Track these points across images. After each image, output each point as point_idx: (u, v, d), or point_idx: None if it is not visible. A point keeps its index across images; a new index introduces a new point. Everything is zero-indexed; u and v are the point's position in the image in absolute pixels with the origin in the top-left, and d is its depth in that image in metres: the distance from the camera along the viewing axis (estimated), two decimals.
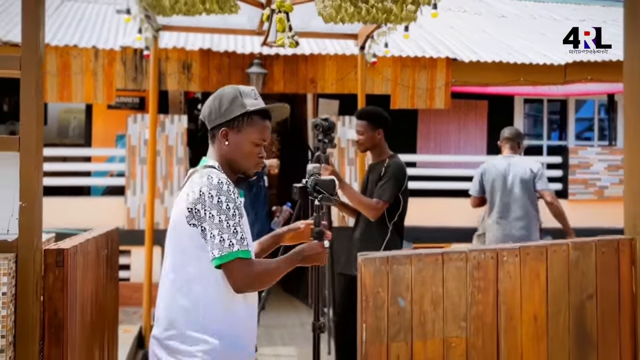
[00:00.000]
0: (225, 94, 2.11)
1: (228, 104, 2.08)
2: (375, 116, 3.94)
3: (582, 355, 2.39)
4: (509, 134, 5.43)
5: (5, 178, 2.12)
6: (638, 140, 2.47)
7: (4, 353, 2.02)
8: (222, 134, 2.09)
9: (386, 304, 2.19)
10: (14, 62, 2.10)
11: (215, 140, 2.11)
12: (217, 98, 2.11)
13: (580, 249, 2.41)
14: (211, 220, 1.94)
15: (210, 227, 1.94)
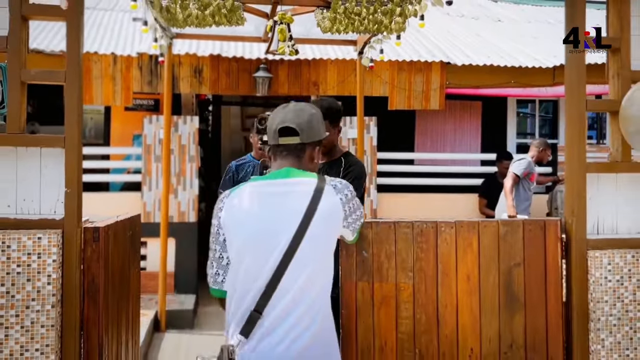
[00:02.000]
0: (319, 115, 2.25)
1: (321, 125, 2.24)
2: (333, 112, 3.45)
3: (511, 312, 2.88)
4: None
5: (52, 170, 2.64)
6: (576, 140, 2.94)
7: (54, 308, 2.54)
8: (318, 150, 2.26)
9: (354, 254, 2.79)
10: (60, 75, 2.61)
11: (304, 154, 2.20)
12: (314, 117, 2.21)
13: (508, 225, 2.91)
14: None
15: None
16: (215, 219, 2.16)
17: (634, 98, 2.69)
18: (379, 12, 4.89)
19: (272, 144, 2.18)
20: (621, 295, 2.87)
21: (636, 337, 2.87)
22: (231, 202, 2.12)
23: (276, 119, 2.17)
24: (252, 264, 2.07)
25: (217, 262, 2.15)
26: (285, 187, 2.11)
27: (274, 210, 2.08)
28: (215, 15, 4.67)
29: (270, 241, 2.06)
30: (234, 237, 2.10)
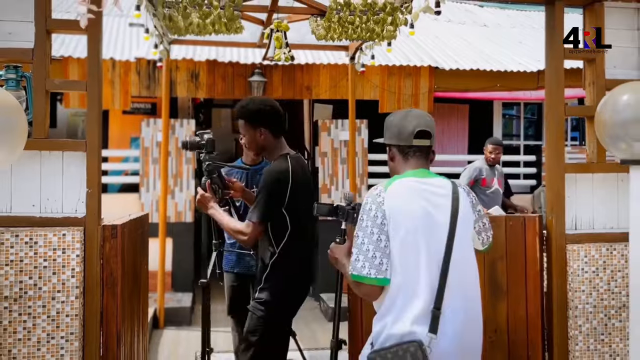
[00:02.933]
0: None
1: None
2: (252, 114, 3.24)
3: (495, 300, 3.15)
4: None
5: (74, 172, 2.86)
6: (555, 143, 3.20)
7: (78, 299, 2.76)
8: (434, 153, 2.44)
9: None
10: (82, 85, 2.83)
11: (430, 156, 2.39)
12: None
13: (493, 221, 3.15)
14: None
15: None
16: (377, 210, 2.18)
17: (608, 104, 2.94)
18: (371, 21, 5.14)
19: (405, 145, 2.29)
20: (597, 285, 3.13)
21: (610, 323, 3.13)
22: (393, 195, 2.18)
23: (409, 123, 2.29)
24: (416, 257, 2.15)
25: (382, 252, 2.16)
26: (431, 187, 2.22)
27: (431, 208, 2.18)
28: (215, 23, 4.89)
29: (432, 237, 2.16)
30: (399, 229, 2.15)
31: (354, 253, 2.19)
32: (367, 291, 2.19)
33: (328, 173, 7.82)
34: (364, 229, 2.18)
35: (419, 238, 2.15)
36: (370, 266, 2.13)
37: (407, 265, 2.14)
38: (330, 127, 7.85)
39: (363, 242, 2.17)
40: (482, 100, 8.69)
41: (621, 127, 2.81)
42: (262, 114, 3.24)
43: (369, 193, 2.24)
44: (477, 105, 8.88)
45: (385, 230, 2.16)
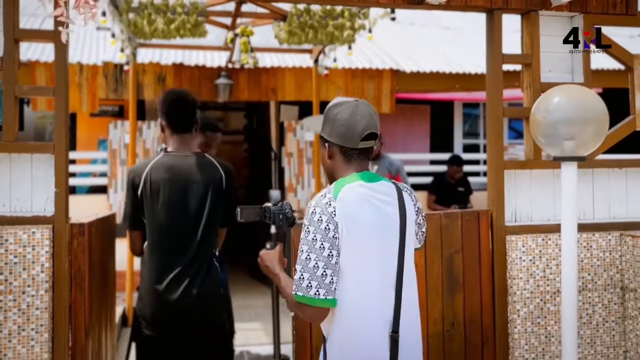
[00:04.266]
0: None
1: None
2: (158, 104, 3.14)
3: (452, 293, 3.37)
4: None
5: (42, 173, 3.02)
6: (495, 142, 3.45)
7: (47, 293, 2.92)
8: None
9: None
10: (50, 91, 2.99)
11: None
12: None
13: (449, 217, 3.40)
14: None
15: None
16: (328, 222, 1.96)
17: (541, 106, 3.19)
18: (330, 26, 5.36)
19: (348, 147, 2.08)
20: (533, 272, 3.39)
21: (546, 307, 3.40)
22: (344, 204, 1.98)
23: (357, 124, 2.05)
24: (369, 273, 1.98)
25: (333, 269, 1.94)
26: (379, 193, 2.05)
27: (382, 217, 2.02)
28: (180, 29, 5.07)
29: (385, 251, 2.01)
30: (352, 242, 1.96)
31: (297, 271, 1.94)
32: (314, 314, 1.95)
33: (294, 173, 8.03)
34: (311, 242, 1.93)
35: (371, 252, 1.98)
36: (318, 285, 1.90)
37: (360, 283, 1.96)
38: (295, 128, 8.06)
39: (309, 258, 1.92)
40: (443, 101, 8.99)
41: (553, 126, 3.06)
42: (161, 105, 3.07)
43: (317, 201, 2.01)
44: (438, 106, 9.18)
45: (337, 244, 1.94)
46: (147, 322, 2.96)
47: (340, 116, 2.08)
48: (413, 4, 3.39)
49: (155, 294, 2.91)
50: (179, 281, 2.88)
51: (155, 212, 2.90)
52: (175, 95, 3.04)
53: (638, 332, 3.37)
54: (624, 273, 3.48)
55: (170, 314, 2.90)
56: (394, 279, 2.00)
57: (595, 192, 3.63)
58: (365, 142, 2.09)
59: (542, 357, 3.38)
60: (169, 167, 2.93)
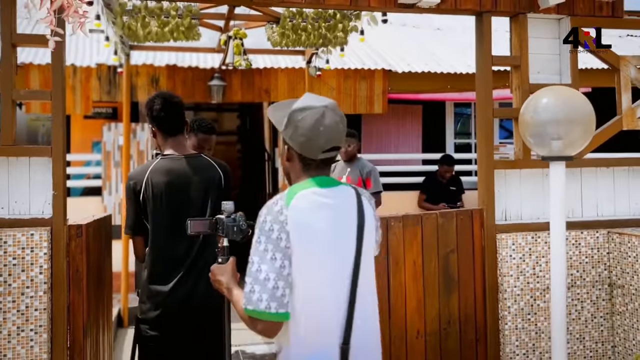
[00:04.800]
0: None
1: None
2: (146, 109, 3.09)
3: (448, 291, 3.44)
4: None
5: (40, 176, 3.06)
6: (485, 142, 3.52)
7: (46, 294, 2.96)
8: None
9: None
10: (47, 95, 3.04)
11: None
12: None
13: (445, 216, 3.46)
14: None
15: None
16: (279, 232, 1.84)
17: (529, 106, 3.26)
18: (323, 28, 5.42)
19: (308, 157, 1.94)
20: (523, 270, 3.46)
21: (536, 304, 3.47)
22: (297, 212, 1.86)
23: (322, 135, 1.91)
24: (322, 284, 1.88)
25: (285, 281, 1.83)
26: (336, 200, 1.94)
27: (338, 225, 1.92)
28: (174, 32, 5.11)
29: (339, 260, 1.91)
30: (305, 253, 1.85)
31: (247, 283, 1.83)
32: (265, 328, 1.85)
33: None
34: (262, 253, 1.83)
35: (325, 262, 1.88)
36: (270, 298, 1.79)
37: (313, 294, 1.87)
38: None
39: (260, 270, 1.81)
40: (435, 101, 9.05)
41: (541, 127, 3.14)
42: (149, 110, 3.02)
43: (268, 209, 1.89)
44: (430, 106, 9.25)
45: (289, 254, 1.83)
46: (151, 324, 2.94)
47: (302, 124, 1.91)
48: (405, 7, 3.46)
49: (161, 296, 2.90)
50: (185, 282, 2.89)
51: (158, 215, 2.89)
52: (162, 99, 3.00)
53: (626, 327, 3.45)
54: (611, 270, 3.56)
55: (177, 314, 2.90)
56: (348, 288, 1.90)
57: (584, 191, 3.71)
58: (326, 153, 1.95)
59: (532, 353, 3.45)
60: (168, 170, 2.92)
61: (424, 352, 3.37)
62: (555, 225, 3.08)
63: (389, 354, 3.32)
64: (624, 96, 3.72)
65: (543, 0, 3.56)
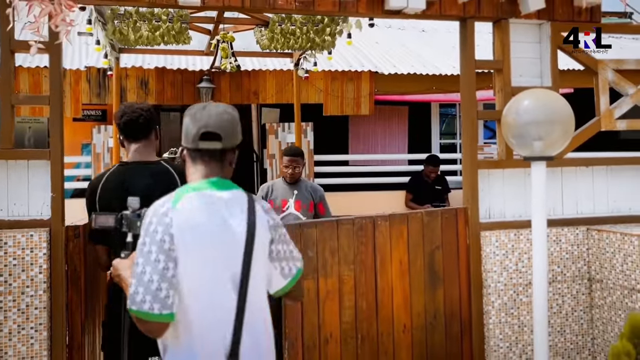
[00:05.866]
0: (238, 117, 2.04)
1: (239, 128, 2.04)
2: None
3: (433, 288, 3.57)
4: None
5: (38, 178, 3.15)
6: (469, 143, 3.65)
7: (45, 293, 3.05)
8: (236, 154, 2.05)
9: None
10: (44, 99, 3.13)
11: (225, 160, 2.00)
12: (235, 120, 2.00)
13: (430, 215, 3.59)
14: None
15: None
16: (163, 234, 1.82)
17: (511, 108, 3.39)
18: (311, 32, 5.53)
19: (191, 148, 1.97)
20: (506, 266, 3.60)
21: (519, 299, 3.61)
22: (182, 214, 1.85)
23: (196, 123, 1.94)
24: (208, 289, 1.85)
25: (169, 282, 1.80)
26: (226, 203, 1.91)
27: (226, 229, 1.88)
28: (164, 36, 5.20)
29: (227, 266, 1.87)
30: (189, 256, 1.83)
31: (132, 284, 1.81)
32: (150, 329, 1.82)
33: (276, 174, 8.17)
34: (147, 255, 1.81)
35: (209, 267, 1.84)
36: (153, 300, 1.77)
37: (198, 300, 1.83)
38: (277, 130, 8.21)
39: (144, 272, 1.79)
40: (420, 102, 9.20)
41: (523, 128, 3.26)
42: (115, 120, 3.05)
43: (154, 210, 1.87)
44: (416, 107, 9.39)
45: (173, 256, 1.81)
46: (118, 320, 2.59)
47: (187, 114, 1.98)
48: (391, 13, 3.58)
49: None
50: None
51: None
52: (123, 107, 3.02)
53: (604, 320, 3.60)
54: (590, 265, 3.70)
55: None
56: (236, 296, 1.85)
57: (564, 190, 3.85)
58: (205, 142, 1.93)
59: (515, 346, 3.59)
60: (121, 177, 2.85)
61: (410, 346, 3.50)
62: (536, 223, 3.20)
63: (376, 349, 3.44)
64: (602, 98, 3.87)
65: (524, 6, 3.69)
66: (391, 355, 3.48)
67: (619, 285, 3.48)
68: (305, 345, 3.31)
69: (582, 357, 3.67)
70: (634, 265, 3.35)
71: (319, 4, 3.43)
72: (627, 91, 3.89)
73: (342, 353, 3.39)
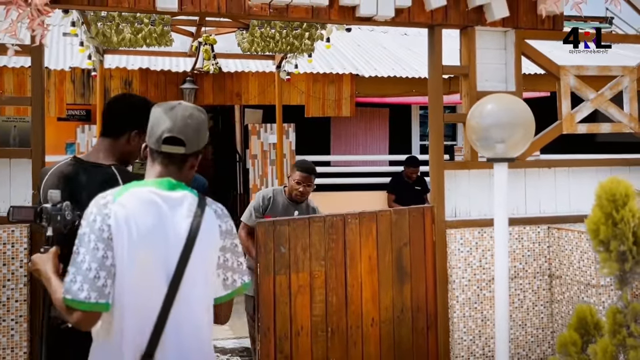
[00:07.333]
0: (206, 120, 2.02)
1: (206, 131, 2.01)
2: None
3: (401, 283, 3.73)
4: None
5: (22, 177, 3.27)
6: (436, 145, 3.82)
7: (26, 286, 3.18)
8: (199, 158, 2.02)
9: (272, 250, 3.46)
10: (27, 100, 3.26)
11: (186, 164, 1.97)
12: (202, 125, 1.97)
13: (398, 213, 3.76)
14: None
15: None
16: (102, 223, 1.81)
17: (475, 112, 3.55)
18: (290, 36, 5.68)
19: (153, 148, 1.94)
20: (470, 262, 3.77)
21: (482, 294, 3.78)
22: (122, 207, 1.84)
23: (162, 124, 1.91)
24: (139, 285, 1.82)
25: (107, 271, 1.79)
26: (171, 202, 1.89)
27: (165, 227, 1.86)
28: (147, 38, 5.33)
29: (161, 263, 1.84)
30: (125, 247, 1.81)
31: (70, 273, 1.80)
32: (82, 319, 1.79)
33: (258, 174, 8.32)
34: (87, 243, 1.80)
35: (146, 263, 1.82)
36: (90, 288, 1.76)
37: (131, 294, 1.81)
38: (259, 131, 8.35)
39: (84, 260, 1.78)
40: (401, 104, 9.38)
41: (486, 131, 3.42)
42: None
43: (95, 201, 1.88)
44: (397, 109, 9.57)
45: (112, 245, 1.80)
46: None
47: (154, 112, 1.96)
48: (362, 20, 3.73)
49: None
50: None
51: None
52: (111, 99, 2.81)
53: (563, 314, 3.78)
54: (551, 262, 3.88)
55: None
56: (163, 297, 1.83)
57: (528, 190, 4.03)
58: (168, 146, 1.91)
59: (478, 339, 3.76)
60: (64, 176, 2.50)
61: (378, 339, 3.65)
62: (498, 221, 3.37)
63: (346, 341, 3.59)
64: (564, 102, 4.05)
65: (490, 14, 3.86)
66: (360, 347, 3.63)
67: (576, 281, 3.66)
68: (277, 336, 3.45)
69: (542, 350, 3.85)
70: (589, 261, 3.53)
71: (293, 10, 3.58)
72: (587, 96, 4.08)
73: (313, 345, 3.54)
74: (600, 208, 2.39)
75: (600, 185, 2.39)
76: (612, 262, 2.44)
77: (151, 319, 1.82)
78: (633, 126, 4.12)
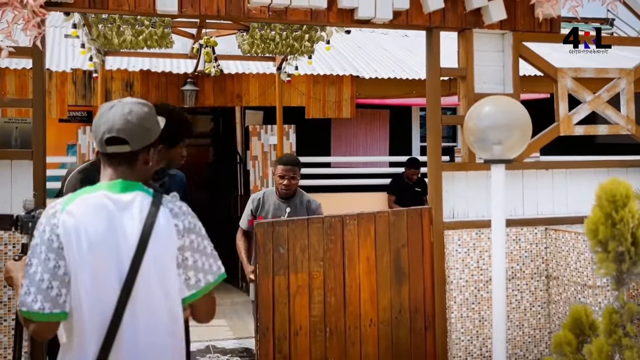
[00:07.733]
0: (152, 113, 1.98)
1: (155, 124, 1.99)
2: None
3: (399, 284, 3.76)
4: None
5: (23, 178, 3.31)
6: (434, 146, 3.85)
7: None
8: (153, 152, 1.99)
9: (272, 251, 3.49)
10: (28, 102, 3.29)
11: (138, 161, 1.95)
12: (145, 119, 1.93)
13: (396, 215, 3.78)
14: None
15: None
16: (51, 233, 1.81)
17: (473, 114, 3.59)
18: (290, 38, 5.71)
19: (100, 152, 1.93)
20: (468, 263, 3.80)
21: (479, 295, 3.80)
22: (71, 215, 1.82)
23: (102, 126, 1.89)
24: (91, 291, 1.80)
25: (60, 281, 1.78)
26: (122, 205, 1.86)
27: (116, 231, 1.83)
28: (147, 40, 5.36)
29: (112, 269, 1.82)
30: (75, 256, 1.80)
31: (24, 285, 1.79)
32: (38, 329, 1.80)
33: (259, 175, 8.35)
34: (38, 254, 1.80)
35: (97, 270, 1.80)
36: (44, 299, 1.75)
37: (86, 301, 1.79)
38: (260, 132, 8.38)
39: (36, 271, 1.78)
40: (401, 106, 9.40)
41: (483, 132, 3.46)
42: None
43: (45, 211, 1.88)
44: (397, 110, 9.59)
45: (63, 255, 1.79)
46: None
47: (97, 116, 1.96)
48: (361, 23, 3.76)
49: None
50: None
51: None
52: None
53: (560, 315, 3.80)
54: (548, 263, 3.91)
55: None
56: (115, 300, 1.81)
57: (525, 191, 4.06)
58: (112, 147, 1.89)
59: (476, 339, 3.78)
60: (85, 176, 2.73)
61: (376, 340, 3.68)
62: (496, 222, 3.39)
63: (344, 342, 3.62)
64: (561, 104, 4.08)
65: (487, 17, 3.89)
66: (358, 348, 3.66)
67: (572, 282, 3.68)
68: (276, 336, 3.48)
69: (540, 350, 3.87)
70: (586, 262, 3.56)
71: (292, 13, 3.61)
72: (585, 98, 4.10)
73: (312, 345, 3.57)
74: (600, 208, 2.43)
75: (600, 186, 2.43)
76: (609, 262, 2.48)
77: (106, 322, 1.80)
78: (630, 128, 4.14)
